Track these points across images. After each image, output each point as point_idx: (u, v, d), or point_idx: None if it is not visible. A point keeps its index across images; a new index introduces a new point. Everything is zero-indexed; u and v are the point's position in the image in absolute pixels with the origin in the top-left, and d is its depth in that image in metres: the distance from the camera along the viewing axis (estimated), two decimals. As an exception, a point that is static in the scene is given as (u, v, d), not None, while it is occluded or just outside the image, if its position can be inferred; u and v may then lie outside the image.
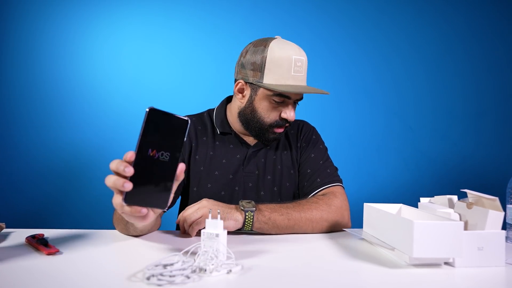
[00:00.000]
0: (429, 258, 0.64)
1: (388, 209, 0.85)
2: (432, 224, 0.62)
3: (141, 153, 0.54)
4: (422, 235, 0.61)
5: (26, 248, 0.72)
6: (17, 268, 0.59)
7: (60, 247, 0.71)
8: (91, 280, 0.55)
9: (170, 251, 0.71)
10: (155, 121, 0.55)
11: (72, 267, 0.61)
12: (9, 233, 0.83)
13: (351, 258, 0.70)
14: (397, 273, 0.62)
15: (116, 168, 0.55)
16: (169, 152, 0.56)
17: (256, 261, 0.66)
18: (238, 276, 0.58)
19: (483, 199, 0.70)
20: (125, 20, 1.98)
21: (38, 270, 0.59)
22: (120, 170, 0.54)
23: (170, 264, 0.57)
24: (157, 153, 0.55)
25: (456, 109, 2.11)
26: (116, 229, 0.86)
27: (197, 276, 0.56)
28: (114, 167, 0.55)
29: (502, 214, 0.66)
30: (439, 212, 0.74)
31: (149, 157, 0.55)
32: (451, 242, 0.62)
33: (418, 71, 2.10)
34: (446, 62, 2.11)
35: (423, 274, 0.61)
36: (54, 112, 1.93)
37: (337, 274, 0.61)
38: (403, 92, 2.09)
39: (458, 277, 0.61)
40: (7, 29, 1.92)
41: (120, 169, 0.54)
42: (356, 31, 2.08)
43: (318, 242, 0.83)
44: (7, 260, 0.63)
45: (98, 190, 1.93)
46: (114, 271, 0.59)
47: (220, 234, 0.63)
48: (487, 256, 0.65)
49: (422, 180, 2.07)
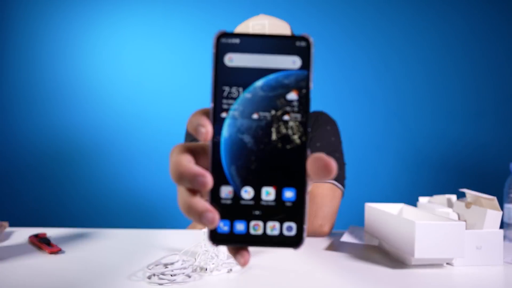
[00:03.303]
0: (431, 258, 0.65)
1: (389, 209, 0.85)
2: (434, 225, 0.62)
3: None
4: (424, 236, 0.62)
5: (29, 246, 0.72)
6: (20, 267, 0.60)
7: (62, 246, 0.72)
8: (93, 278, 0.55)
9: (171, 250, 0.72)
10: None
11: (74, 266, 0.61)
12: (12, 232, 0.83)
13: (352, 258, 0.70)
14: (396, 273, 0.63)
15: None
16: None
17: (257, 260, 0.67)
18: (238, 275, 0.59)
19: (481, 198, 0.71)
20: (126, 20, 1.99)
21: (40, 268, 0.59)
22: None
23: (171, 263, 0.58)
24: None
25: (455, 109, 2.11)
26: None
27: (198, 275, 0.57)
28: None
29: (500, 213, 0.67)
30: (438, 212, 0.75)
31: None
32: (452, 243, 0.62)
33: (417, 71, 2.11)
34: (445, 62, 2.11)
35: (422, 273, 0.62)
36: (56, 111, 1.94)
37: (337, 274, 0.62)
38: (403, 92, 2.10)
39: (457, 276, 0.61)
40: (8, 29, 1.92)
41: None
42: (356, 31, 2.08)
43: (318, 241, 0.83)
44: (10, 258, 0.64)
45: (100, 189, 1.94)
46: (116, 270, 0.59)
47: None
48: (486, 255, 0.66)
49: (421, 180, 2.08)
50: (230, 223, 0.26)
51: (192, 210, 0.25)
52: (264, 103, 0.26)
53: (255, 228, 0.26)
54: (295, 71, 0.26)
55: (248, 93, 0.26)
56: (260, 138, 0.26)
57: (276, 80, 0.26)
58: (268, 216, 0.26)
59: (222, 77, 0.26)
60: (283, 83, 0.26)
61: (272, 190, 0.26)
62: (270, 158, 0.26)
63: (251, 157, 0.26)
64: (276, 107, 0.26)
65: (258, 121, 0.26)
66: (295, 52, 0.26)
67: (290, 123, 0.26)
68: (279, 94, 0.26)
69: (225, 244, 0.26)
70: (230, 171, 0.26)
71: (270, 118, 0.26)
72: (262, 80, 0.26)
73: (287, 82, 0.26)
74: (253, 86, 0.26)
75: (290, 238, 0.26)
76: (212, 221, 0.25)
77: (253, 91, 0.26)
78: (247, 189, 0.26)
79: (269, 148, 0.26)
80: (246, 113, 0.26)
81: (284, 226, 0.26)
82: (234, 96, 0.26)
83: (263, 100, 0.26)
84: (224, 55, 0.26)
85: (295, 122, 0.26)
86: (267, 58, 0.26)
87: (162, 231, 0.90)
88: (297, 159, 0.26)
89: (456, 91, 2.11)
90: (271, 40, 0.26)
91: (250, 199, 0.26)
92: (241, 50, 0.26)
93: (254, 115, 0.26)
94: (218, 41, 0.26)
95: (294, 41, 0.26)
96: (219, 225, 0.26)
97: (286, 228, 0.26)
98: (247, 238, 0.26)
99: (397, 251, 0.69)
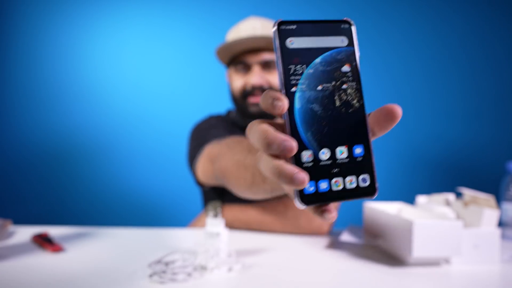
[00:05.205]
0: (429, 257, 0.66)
1: (388, 208, 0.86)
2: (432, 224, 0.63)
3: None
4: (422, 235, 0.62)
5: (31, 245, 0.73)
6: (22, 265, 0.61)
7: (64, 245, 0.72)
8: (94, 277, 0.56)
9: (171, 249, 0.72)
10: None
11: (76, 265, 0.62)
12: (14, 231, 0.84)
13: (351, 257, 0.71)
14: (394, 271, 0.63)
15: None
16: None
17: (257, 259, 0.68)
18: (239, 274, 0.59)
19: (479, 198, 0.71)
20: (127, 20, 1.99)
21: (43, 267, 0.60)
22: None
23: (172, 262, 0.59)
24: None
25: (453, 108, 2.11)
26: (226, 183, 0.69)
27: (199, 273, 0.58)
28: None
29: (497, 212, 0.68)
30: (436, 211, 0.75)
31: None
32: (450, 241, 0.63)
33: (416, 71, 2.11)
34: (444, 62, 2.12)
35: (420, 272, 0.63)
36: (59, 110, 1.95)
37: (336, 273, 0.62)
38: (401, 91, 2.10)
39: (454, 275, 0.62)
40: (8, 29, 1.93)
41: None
42: (356, 30, 2.09)
43: (317, 240, 0.84)
44: (13, 257, 0.65)
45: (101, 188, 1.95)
46: (117, 268, 0.60)
47: (221, 232, 0.65)
48: (483, 254, 0.67)
49: (419, 179, 2.08)
50: (314, 183, 0.29)
51: (283, 172, 0.28)
52: (325, 76, 0.31)
53: (336, 185, 0.30)
54: (344, 48, 0.31)
55: (311, 69, 0.30)
56: (326, 106, 0.30)
57: (331, 57, 0.31)
58: (345, 172, 0.30)
59: (287, 57, 0.30)
60: (337, 59, 0.31)
61: (344, 149, 0.30)
62: (338, 121, 0.30)
63: (322, 122, 0.30)
64: (335, 78, 0.31)
65: (322, 92, 0.30)
66: (342, 33, 0.31)
67: (348, 90, 0.31)
68: (335, 68, 0.31)
69: (313, 203, 0.29)
70: (307, 137, 0.30)
71: (332, 88, 0.31)
72: (320, 57, 0.31)
73: (340, 57, 0.31)
74: (314, 63, 0.31)
75: (366, 188, 0.31)
76: (303, 180, 0.28)
77: (314, 67, 0.30)
78: (324, 151, 0.30)
79: (335, 113, 0.30)
80: (311, 86, 0.30)
81: (360, 179, 0.30)
82: (299, 72, 0.30)
83: (323, 74, 0.31)
84: (285, 39, 0.30)
85: (352, 89, 0.31)
86: (321, 39, 0.31)
87: (163, 230, 0.90)
88: (359, 120, 0.31)
89: (454, 91, 2.12)
90: (321, 24, 0.31)
91: (327, 159, 0.30)
92: (298, 34, 0.31)
93: (319, 87, 0.30)
94: (279, 28, 0.30)
95: (339, 24, 0.32)
96: (305, 187, 0.29)
97: (361, 180, 0.30)
98: (331, 194, 0.30)
99: (395, 250, 0.70)
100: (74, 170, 1.95)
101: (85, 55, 1.97)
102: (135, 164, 1.97)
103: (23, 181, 1.92)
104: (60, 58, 1.96)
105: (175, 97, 2.00)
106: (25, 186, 1.92)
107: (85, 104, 1.96)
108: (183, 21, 2.02)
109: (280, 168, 0.28)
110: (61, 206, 1.93)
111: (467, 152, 2.10)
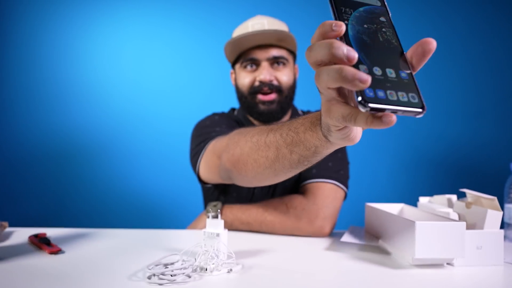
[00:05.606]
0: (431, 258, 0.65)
1: (389, 209, 0.85)
2: (434, 225, 0.62)
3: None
4: (424, 236, 0.61)
5: (28, 247, 0.72)
6: (19, 267, 0.60)
7: (62, 246, 0.71)
8: (92, 279, 0.55)
9: (171, 250, 0.72)
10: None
11: (74, 266, 0.61)
12: (12, 232, 0.83)
13: (352, 258, 0.70)
14: (396, 273, 0.62)
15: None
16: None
17: (257, 260, 0.67)
18: (238, 275, 0.59)
19: (481, 198, 0.71)
20: (126, 20, 1.99)
21: (40, 269, 0.59)
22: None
23: (171, 263, 0.58)
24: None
25: (455, 108, 2.11)
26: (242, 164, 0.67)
27: (198, 275, 0.57)
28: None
29: (500, 213, 0.67)
30: (438, 212, 0.74)
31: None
32: (453, 243, 0.62)
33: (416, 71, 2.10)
34: (445, 62, 2.11)
35: (422, 273, 0.62)
36: (56, 110, 1.94)
37: (338, 274, 0.62)
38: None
39: (457, 276, 0.61)
40: (8, 29, 1.92)
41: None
42: None
43: (318, 241, 0.83)
44: (10, 259, 0.64)
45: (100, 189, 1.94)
46: (116, 270, 0.59)
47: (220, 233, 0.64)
48: (486, 255, 0.66)
49: (421, 180, 2.08)
50: (373, 90, 0.34)
51: (348, 72, 0.32)
52: (368, 19, 0.39)
53: (391, 96, 0.35)
54: (379, 6, 0.41)
55: (357, 13, 0.39)
56: (373, 38, 0.38)
57: (371, 10, 0.40)
58: (396, 88, 0.35)
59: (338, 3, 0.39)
60: (375, 12, 0.41)
61: (392, 71, 0.36)
62: (383, 51, 0.37)
63: (371, 47, 0.37)
64: (376, 23, 0.39)
65: (368, 29, 0.38)
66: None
67: (387, 32, 0.39)
68: (375, 16, 0.40)
69: (373, 103, 0.34)
70: (361, 56, 0.36)
71: (375, 28, 0.39)
72: (363, 7, 0.40)
73: (377, 11, 0.41)
74: (358, 10, 0.39)
75: (416, 103, 0.35)
76: (366, 79, 0.32)
77: (359, 12, 0.39)
78: (376, 68, 0.36)
79: (380, 46, 0.38)
80: (359, 23, 0.38)
81: (409, 95, 0.35)
82: (348, 13, 0.39)
83: (367, 17, 0.39)
84: None
85: (390, 32, 0.40)
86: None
87: (162, 231, 0.90)
88: (400, 52, 0.38)
89: (455, 91, 2.11)
90: None
91: (380, 75, 0.36)
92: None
93: (364, 24, 0.39)
94: None
95: None
96: (366, 91, 0.34)
97: (411, 96, 0.36)
98: (388, 101, 0.34)
99: (397, 251, 0.69)
100: (73, 171, 1.94)
101: (85, 54, 1.97)
102: (133, 165, 1.96)
103: (20, 182, 1.92)
104: (59, 57, 1.95)
105: (175, 97, 2.00)
106: (23, 187, 1.92)
107: (84, 103, 1.96)
108: (183, 20, 2.01)
109: (345, 70, 0.33)
110: (60, 207, 1.92)
111: (470, 153, 2.09)
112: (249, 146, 0.63)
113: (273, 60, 1.03)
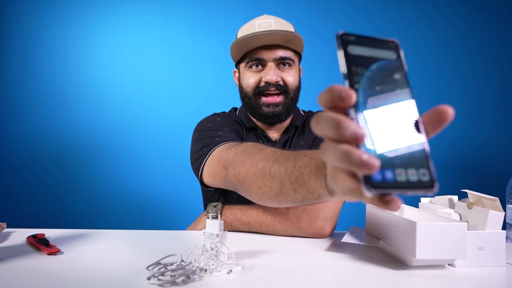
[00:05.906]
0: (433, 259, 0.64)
1: (389, 209, 0.84)
2: (436, 226, 0.62)
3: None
4: (425, 237, 0.61)
5: (27, 248, 0.72)
6: (18, 268, 0.59)
7: (61, 247, 0.71)
8: (91, 280, 0.55)
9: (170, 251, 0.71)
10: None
11: (73, 267, 0.61)
12: (10, 233, 0.83)
13: (353, 259, 0.70)
14: (397, 274, 0.62)
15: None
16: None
17: (257, 261, 0.66)
18: (238, 276, 0.58)
19: (483, 199, 0.70)
20: (126, 20, 1.98)
21: (39, 270, 0.59)
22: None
23: (171, 264, 0.58)
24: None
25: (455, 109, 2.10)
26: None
27: (198, 276, 0.57)
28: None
29: (502, 214, 0.66)
30: (439, 213, 0.74)
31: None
32: (454, 243, 0.62)
33: (417, 71, 2.10)
34: (445, 62, 2.11)
35: (423, 274, 0.61)
36: (55, 111, 1.94)
37: (338, 275, 0.61)
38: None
39: (458, 277, 0.61)
40: (8, 29, 1.92)
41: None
42: (356, 31, 2.08)
43: (319, 242, 0.83)
44: (8, 260, 0.64)
45: (99, 190, 1.93)
46: (115, 271, 0.59)
47: (220, 234, 0.64)
48: (488, 256, 0.65)
49: (422, 180, 2.07)
50: (381, 172, 0.32)
51: (354, 156, 0.30)
52: (382, 80, 0.35)
53: (400, 175, 0.32)
54: (394, 61, 0.37)
55: (369, 72, 0.35)
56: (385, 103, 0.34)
57: (385, 66, 0.36)
58: (406, 164, 0.33)
59: (349, 61, 0.35)
60: (390, 68, 0.36)
61: (404, 144, 0.33)
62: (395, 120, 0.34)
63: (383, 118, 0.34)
64: (390, 82, 0.36)
65: (380, 92, 0.35)
66: (391, 49, 0.37)
67: (401, 94, 0.36)
68: (389, 74, 0.36)
69: (379, 189, 0.31)
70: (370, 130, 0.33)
71: (388, 90, 0.35)
72: (376, 64, 0.36)
73: (392, 67, 0.36)
74: (371, 68, 0.35)
75: (426, 182, 0.33)
76: (374, 164, 0.29)
77: (372, 72, 0.35)
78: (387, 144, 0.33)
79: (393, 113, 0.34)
80: (371, 85, 0.35)
81: (420, 172, 0.33)
82: (360, 73, 0.35)
83: (380, 78, 0.35)
84: (347, 46, 0.35)
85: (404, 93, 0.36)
86: (376, 51, 0.37)
87: (162, 232, 0.89)
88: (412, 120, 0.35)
89: (456, 91, 2.11)
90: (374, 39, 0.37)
91: (390, 151, 0.33)
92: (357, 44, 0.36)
93: (377, 87, 0.35)
94: (342, 37, 0.36)
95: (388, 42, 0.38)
96: (373, 174, 0.31)
97: (422, 174, 0.33)
98: (396, 184, 0.32)
99: (398, 252, 0.69)
100: (72, 171, 1.94)
101: (85, 54, 1.96)
102: (133, 165, 1.96)
103: (19, 183, 1.91)
104: (59, 57, 1.95)
105: (175, 97, 2.00)
106: (21, 187, 1.91)
107: (84, 103, 1.95)
108: (183, 20, 2.01)
109: (352, 152, 0.30)
110: (58, 207, 1.92)
111: (471, 153, 2.09)
112: (254, 171, 0.62)
113: (280, 61, 1.02)
